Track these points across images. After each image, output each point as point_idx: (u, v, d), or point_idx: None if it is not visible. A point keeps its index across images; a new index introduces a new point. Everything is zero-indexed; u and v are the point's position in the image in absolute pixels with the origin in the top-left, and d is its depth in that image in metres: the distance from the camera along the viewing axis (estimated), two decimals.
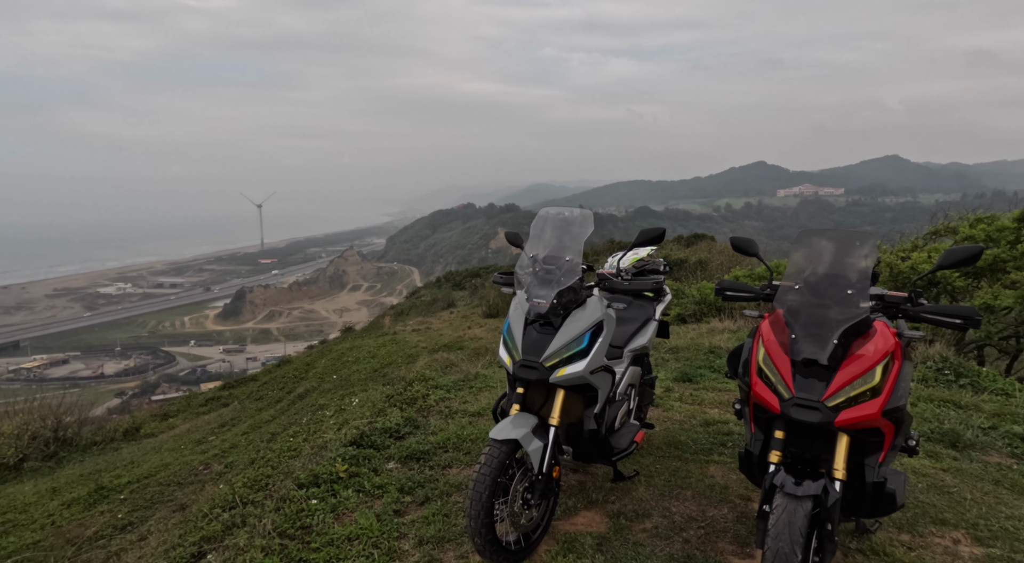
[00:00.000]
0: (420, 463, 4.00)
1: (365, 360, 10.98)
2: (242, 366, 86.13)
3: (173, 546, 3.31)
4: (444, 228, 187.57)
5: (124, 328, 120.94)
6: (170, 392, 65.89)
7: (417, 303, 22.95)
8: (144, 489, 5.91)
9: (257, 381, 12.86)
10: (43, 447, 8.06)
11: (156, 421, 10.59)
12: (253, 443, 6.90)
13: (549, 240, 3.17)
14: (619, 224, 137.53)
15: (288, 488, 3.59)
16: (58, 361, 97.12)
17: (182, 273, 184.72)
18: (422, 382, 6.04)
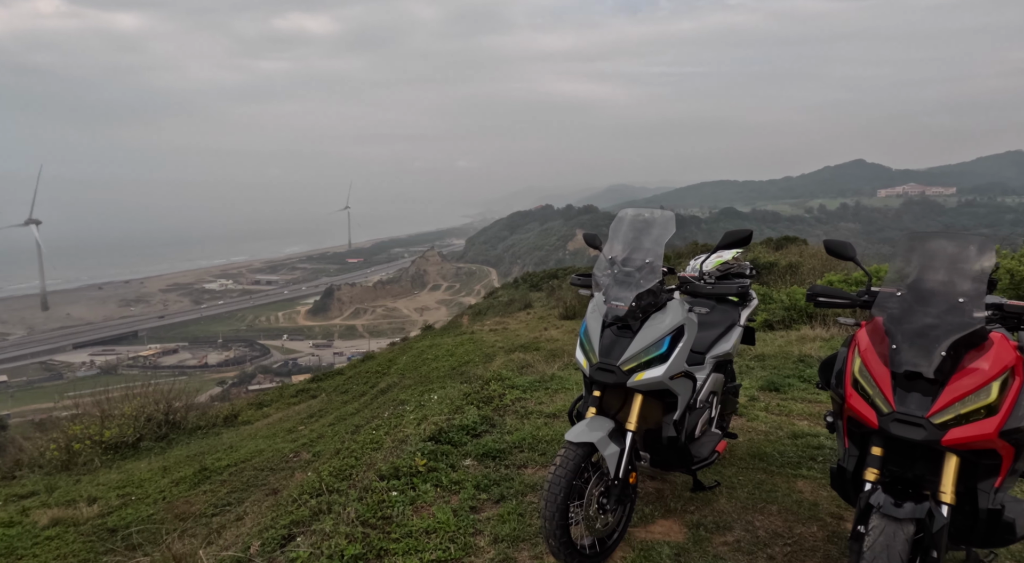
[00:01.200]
0: (496, 461, 4.05)
1: (444, 358, 11.23)
2: (329, 360, 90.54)
3: (266, 527, 3.53)
4: (522, 229, 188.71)
5: (225, 322, 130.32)
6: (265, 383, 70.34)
7: (494, 303, 23.23)
8: (241, 472, 6.34)
9: (343, 375, 13.46)
10: (156, 429, 8.82)
11: (252, 410, 11.31)
12: (339, 434, 7.22)
13: (628, 242, 3.12)
14: (702, 226, 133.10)
15: (370, 479, 3.73)
16: (169, 350, 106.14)
17: (277, 271, 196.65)
18: (499, 381, 6.11)
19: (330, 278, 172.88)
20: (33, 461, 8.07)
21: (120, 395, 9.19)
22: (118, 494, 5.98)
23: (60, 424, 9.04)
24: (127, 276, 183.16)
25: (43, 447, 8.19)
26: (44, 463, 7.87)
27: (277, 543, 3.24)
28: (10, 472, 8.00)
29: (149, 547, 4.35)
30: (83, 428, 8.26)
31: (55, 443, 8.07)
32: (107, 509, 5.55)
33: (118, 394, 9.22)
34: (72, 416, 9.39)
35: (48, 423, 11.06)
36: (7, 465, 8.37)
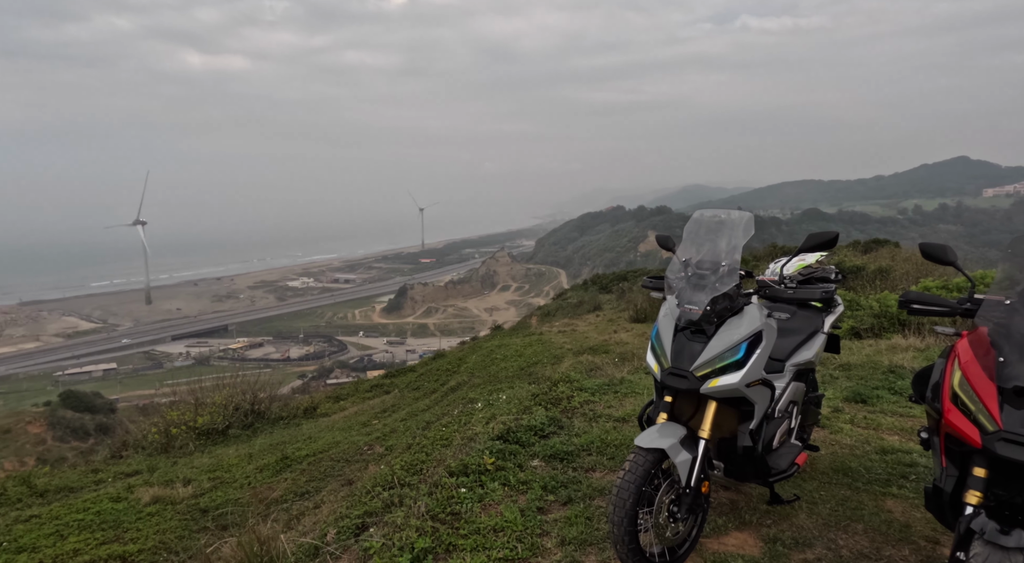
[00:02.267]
0: (563, 463, 4.04)
1: (512, 358, 11.29)
2: (402, 357, 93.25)
3: (341, 516, 3.68)
4: (592, 231, 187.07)
5: (306, 318, 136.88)
6: (341, 377, 73.31)
7: (563, 305, 23.14)
8: (319, 462, 6.63)
9: (415, 372, 13.81)
10: (243, 418, 9.38)
11: (330, 403, 11.82)
12: (410, 429, 7.42)
13: (703, 244, 3.03)
14: (783, 227, 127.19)
15: (440, 475, 3.81)
16: (255, 344, 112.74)
17: (355, 270, 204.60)
18: (567, 383, 6.08)
19: (404, 277, 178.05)
20: (137, 442, 8.79)
21: (212, 385, 9.84)
22: (209, 477, 6.40)
23: (160, 410, 9.80)
24: (220, 273, 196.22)
25: (145, 430, 8.90)
26: (146, 445, 8.56)
27: (351, 532, 3.37)
28: (118, 452, 8.75)
29: (236, 528, 4.63)
30: (179, 414, 8.92)
31: (155, 427, 8.75)
32: (200, 490, 5.96)
33: (210, 384, 9.88)
34: (170, 403, 10.14)
35: (150, 409, 12.00)
36: (116, 445, 9.15)
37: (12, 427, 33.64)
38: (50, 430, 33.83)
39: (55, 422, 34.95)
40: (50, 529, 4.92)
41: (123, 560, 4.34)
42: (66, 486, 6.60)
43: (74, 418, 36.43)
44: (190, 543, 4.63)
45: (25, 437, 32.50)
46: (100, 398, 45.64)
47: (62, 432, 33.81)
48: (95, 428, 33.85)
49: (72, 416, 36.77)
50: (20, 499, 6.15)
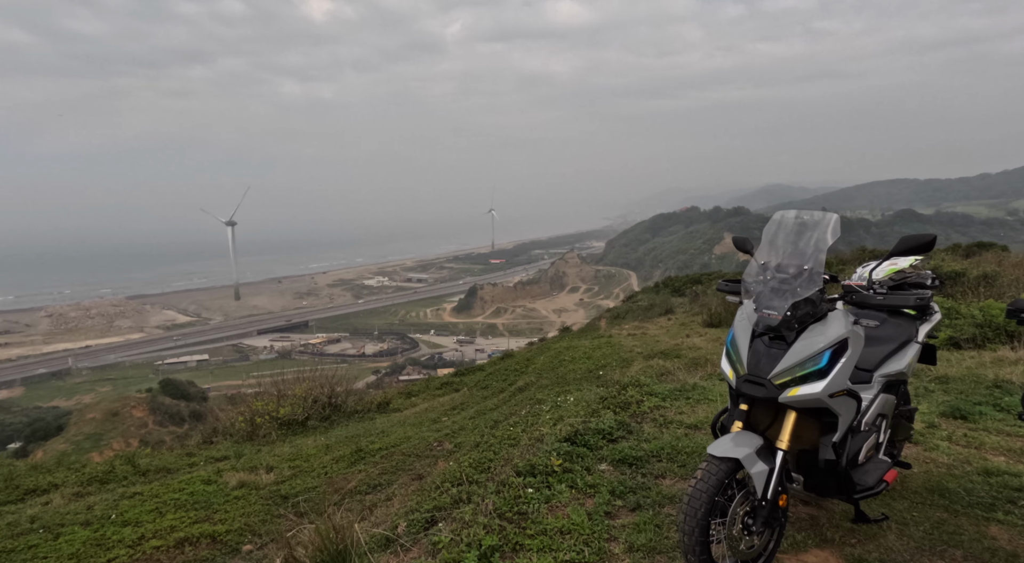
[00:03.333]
0: (632, 469, 3.97)
1: (580, 360, 11.21)
2: (471, 356, 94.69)
3: (411, 510, 3.78)
4: (664, 232, 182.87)
5: (380, 316, 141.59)
6: (413, 374, 75.32)
7: (634, 307, 22.75)
8: (391, 456, 6.84)
9: (483, 371, 13.98)
10: (321, 410, 9.81)
11: (402, 398, 12.16)
12: (478, 428, 7.52)
13: (784, 246, 2.89)
14: (872, 230, 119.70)
15: (507, 474, 3.84)
16: (333, 340, 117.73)
17: (427, 269, 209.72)
18: (636, 387, 5.98)
19: (474, 278, 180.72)
20: (226, 430, 9.37)
21: (293, 378, 10.36)
22: (289, 465, 6.74)
23: (246, 400, 10.40)
24: (302, 271, 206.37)
25: (233, 419, 9.48)
26: (234, 432, 9.11)
27: (421, 526, 3.45)
28: (208, 438, 9.37)
29: (313, 515, 4.86)
30: (263, 405, 9.44)
31: (242, 416, 9.31)
32: (281, 478, 6.28)
33: (291, 377, 10.40)
34: (255, 394, 10.75)
35: (237, 398, 12.76)
36: (207, 431, 9.81)
37: (120, 410, 36.78)
38: (151, 414, 36.74)
39: (155, 407, 37.91)
40: (151, 506, 5.33)
41: (213, 538, 4.65)
42: (164, 467, 7.14)
43: (171, 404, 39.39)
44: (272, 527, 4.89)
45: (130, 420, 35.44)
46: (194, 387, 49.12)
47: (161, 417, 36.63)
48: (189, 414, 36.45)
49: (170, 402, 39.78)
50: (126, 477, 6.71)
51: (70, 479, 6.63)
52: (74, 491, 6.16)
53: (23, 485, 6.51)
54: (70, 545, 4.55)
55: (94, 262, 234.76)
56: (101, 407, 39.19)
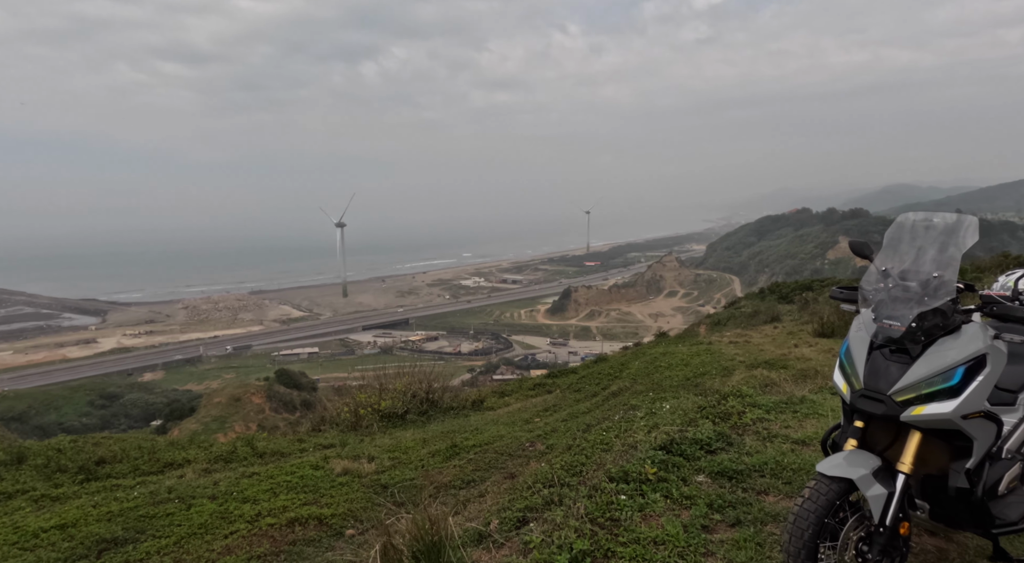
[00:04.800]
0: (732, 482, 3.80)
1: (677, 367, 10.87)
2: (564, 358, 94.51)
3: (503, 508, 3.83)
4: (772, 235, 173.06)
5: (476, 315, 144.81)
6: (507, 374, 76.32)
7: (736, 314, 21.72)
8: (484, 454, 6.97)
9: (576, 374, 13.90)
10: (419, 405, 10.19)
11: (495, 397, 12.35)
12: (570, 430, 7.49)
13: (909, 251, 2.65)
14: (1019, 234, 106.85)
15: (600, 479, 3.80)
16: (431, 337, 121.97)
17: (522, 271, 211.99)
18: (738, 397, 5.71)
19: (568, 280, 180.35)
20: (332, 419, 9.98)
21: (394, 373, 10.83)
22: (389, 457, 7.05)
23: (351, 392, 11.01)
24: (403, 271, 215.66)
25: (339, 409, 10.07)
26: (339, 422, 9.68)
27: (513, 524, 3.50)
28: (317, 425, 10.01)
29: (410, 506, 5.06)
30: (366, 397, 9.95)
31: (347, 407, 9.87)
32: (381, 468, 6.59)
33: (392, 372, 10.88)
34: (359, 386, 11.35)
35: (343, 390, 13.54)
36: (316, 420, 10.49)
37: (241, 396, 40.26)
38: (268, 401, 39.89)
39: (271, 395, 41.13)
40: (266, 486, 5.79)
41: (320, 521, 4.96)
42: (278, 451, 7.72)
43: (285, 393, 42.56)
44: (372, 514, 5.15)
45: (250, 406, 38.68)
46: (305, 378, 52.73)
47: (276, 404, 39.68)
48: (300, 403, 39.22)
49: (284, 391, 42.99)
50: (246, 458, 7.33)
51: (200, 456, 7.34)
52: (203, 467, 6.81)
53: (163, 459, 7.28)
54: (199, 516, 5.03)
55: (229, 258, 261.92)
56: (226, 393, 43.11)
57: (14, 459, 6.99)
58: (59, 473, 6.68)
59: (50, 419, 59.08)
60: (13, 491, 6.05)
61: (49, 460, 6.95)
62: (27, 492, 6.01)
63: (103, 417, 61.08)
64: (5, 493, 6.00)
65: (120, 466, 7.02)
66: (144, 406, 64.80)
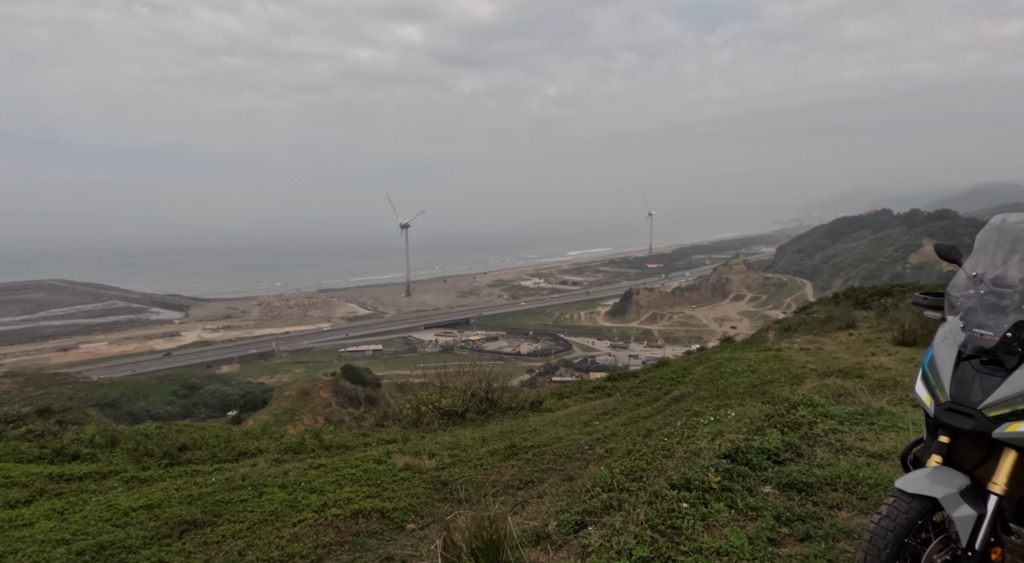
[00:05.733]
0: (801, 495, 3.64)
1: (744, 373, 10.51)
2: (624, 362, 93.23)
3: (562, 510, 3.82)
4: (848, 238, 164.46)
5: (535, 316, 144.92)
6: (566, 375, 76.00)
7: (807, 319, 20.78)
8: (542, 455, 6.97)
9: (637, 378, 13.67)
10: (478, 404, 10.30)
11: (554, 399, 12.32)
12: (630, 435, 7.38)
13: (1004, 255, 2.46)
14: None
15: (661, 485, 3.73)
16: (491, 337, 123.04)
17: (582, 272, 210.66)
18: (808, 407, 5.46)
19: (629, 282, 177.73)
20: (395, 415, 10.24)
21: (454, 371, 11.00)
22: (449, 454, 7.17)
23: (413, 389, 11.26)
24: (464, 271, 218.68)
25: (401, 406, 10.32)
26: (402, 418, 9.92)
27: (571, 527, 3.48)
28: (380, 421, 10.30)
29: (469, 504, 5.12)
30: (428, 395, 10.15)
31: (409, 404, 10.10)
32: (441, 464, 6.71)
33: (453, 370, 11.06)
34: (421, 384, 11.59)
35: (405, 387, 13.88)
36: (379, 415, 10.79)
37: (309, 390, 41.95)
38: (334, 396, 41.38)
39: (338, 390, 42.64)
40: (332, 478, 6.00)
41: (382, 514, 5.10)
42: (344, 444, 7.99)
43: (351, 388, 44.02)
44: (432, 509, 5.25)
45: (318, 399, 40.23)
46: (369, 374, 54.38)
47: (342, 398, 41.11)
48: (365, 398, 40.46)
49: (349, 386, 44.49)
50: (313, 449, 7.63)
51: (271, 446, 7.70)
52: (274, 457, 7.14)
53: (237, 447, 7.69)
54: (270, 503, 5.28)
55: (303, 257, 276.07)
56: (295, 386, 45.04)
57: (109, 442, 7.57)
58: (146, 457, 7.17)
59: (139, 406, 63.60)
60: (107, 471, 6.54)
61: (138, 444, 7.48)
62: (119, 473, 6.49)
63: (185, 406, 65.21)
64: (101, 473, 6.49)
65: (199, 453, 7.46)
66: (221, 397, 68.70)
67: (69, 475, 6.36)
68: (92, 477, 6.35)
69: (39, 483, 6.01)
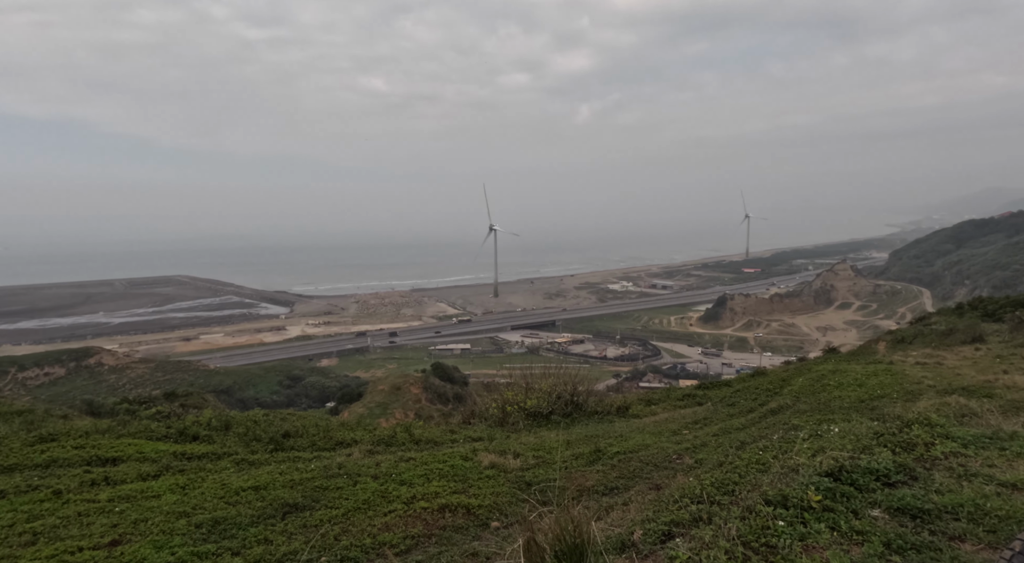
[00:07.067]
0: (916, 522, 3.33)
1: (849, 387, 9.82)
2: (717, 370, 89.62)
3: (648, 519, 3.72)
4: (975, 242, 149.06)
5: (623, 320, 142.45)
6: (654, 382, 74.15)
7: (925, 331, 19.01)
8: (628, 461, 6.84)
9: (730, 387, 13.11)
10: (563, 406, 10.28)
11: (641, 405, 12.06)
12: (722, 446, 7.08)
13: None
14: None
15: (755, 500, 3.54)
16: (577, 340, 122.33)
17: (672, 276, 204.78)
18: (925, 427, 4.99)
19: (724, 287, 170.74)
20: (481, 413, 10.42)
21: (540, 373, 11.04)
22: (534, 455, 7.19)
23: (499, 389, 11.41)
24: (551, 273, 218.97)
25: (487, 405, 10.49)
26: (488, 417, 10.08)
27: (657, 537, 3.38)
28: (467, 419, 10.52)
29: (553, 506, 5.12)
30: (513, 395, 10.25)
31: (495, 403, 10.24)
32: (526, 465, 6.75)
33: (538, 372, 11.09)
34: (506, 384, 11.73)
35: (492, 386, 14.09)
36: (466, 413, 11.02)
37: (401, 386, 43.63)
38: (424, 392, 42.77)
39: (427, 386, 44.05)
40: (421, 471, 6.20)
41: (468, 510, 5.21)
42: (432, 439, 8.23)
43: (440, 385, 45.34)
44: (516, 509, 5.29)
45: (408, 395, 41.75)
46: (458, 372, 55.75)
47: (431, 395, 42.43)
48: (453, 396, 41.53)
49: (438, 383, 45.83)
50: (403, 443, 7.92)
51: (365, 438, 8.07)
52: (368, 448, 7.48)
53: (335, 437, 8.13)
54: (363, 492, 5.54)
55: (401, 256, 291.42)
56: (388, 381, 46.98)
57: (223, 426, 8.24)
58: (255, 441, 7.74)
59: (249, 394, 68.85)
60: (221, 453, 7.13)
61: (248, 429, 8.10)
62: (231, 455, 7.05)
63: (288, 395, 69.89)
64: (216, 454, 7.09)
65: (301, 440, 7.95)
66: (321, 388, 73.01)
67: (190, 454, 6.99)
68: (209, 457, 6.95)
69: (165, 459, 6.65)
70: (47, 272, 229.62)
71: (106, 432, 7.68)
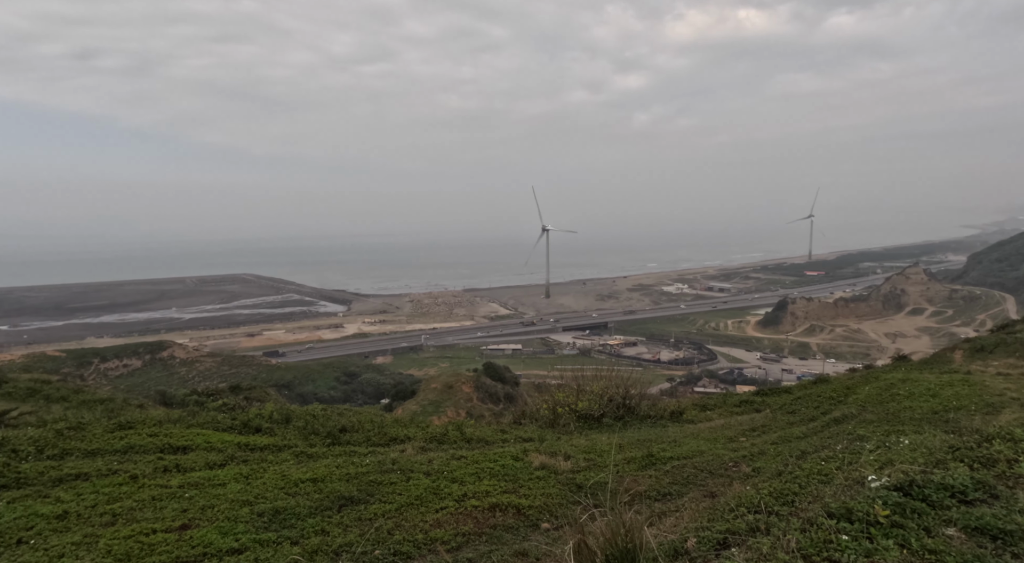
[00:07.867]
0: (996, 543, 3.12)
1: (921, 397, 9.30)
2: (776, 376, 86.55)
3: (702, 527, 3.63)
4: None
5: (678, 323, 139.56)
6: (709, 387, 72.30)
7: (1008, 340, 17.76)
8: (682, 467, 6.70)
9: (791, 394, 12.65)
10: (615, 409, 10.16)
11: (696, 410, 11.79)
12: (782, 455, 6.84)
13: None
14: None
15: (816, 512, 3.40)
16: (629, 343, 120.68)
17: (730, 279, 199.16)
18: (1008, 441, 4.67)
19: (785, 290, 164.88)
20: (531, 414, 10.43)
21: (591, 375, 10.96)
22: (584, 457, 7.15)
23: (550, 390, 11.40)
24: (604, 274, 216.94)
25: (538, 405, 10.49)
26: (538, 417, 10.08)
27: (712, 545, 3.30)
28: (518, 419, 10.55)
29: (604, 509, 5.07)
30: (564, 396, 10.22)
31: (545, 404, 10.24)
32: (576, 467, 6.71)
33: (590, 374, 11.01)
34: (557, 385, 11.69)
35: (542, 387, 14.09)
36: (517, 413, 11.06)
37: (453, 384, 44.19)
38: (475, 391, 43.18)
39: (479, 386, 44.45)
40: (471, 470, 6.27)
41: (518, 510, 5.23)
42: (483, 438, 8.30)
43: (491, 385, 45.66)
44: (566, 511, 5.26)
45: (460, 394, 42.24)
46: (509, 372, 55.98)
47: (483, 394, 42.78)
48: (504, 396, 41.75)
49: (490, 383, 46.16)
50: (455, 441, 8.02)
51: (418, 435, 8.22)
52: (420, 445, 7.62)
53: (389, 433, 8.32)
54: (416, 488, 5.64)
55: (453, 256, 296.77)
56: (441, 380, 47.70)
57: (284, 419, 8.57)
58: (313, 435, 8.01)
59: (308, 389, 71.29)
60: (282, 445, 7.42)
61: (307, 423, 8.39)
62: (291, 447, 7.32)
63: (345, 391, 71.96)
64: (277, 446, 7.38)
65: (356, 435, 8.18)
66: (376, 385, 74.80)
67: (253, 445, 7.30)
68: (270, 449, 7.24)
69: (230, 450, 6.97)
70: (147, 268, 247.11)
71: (177, 422, 8.12)
